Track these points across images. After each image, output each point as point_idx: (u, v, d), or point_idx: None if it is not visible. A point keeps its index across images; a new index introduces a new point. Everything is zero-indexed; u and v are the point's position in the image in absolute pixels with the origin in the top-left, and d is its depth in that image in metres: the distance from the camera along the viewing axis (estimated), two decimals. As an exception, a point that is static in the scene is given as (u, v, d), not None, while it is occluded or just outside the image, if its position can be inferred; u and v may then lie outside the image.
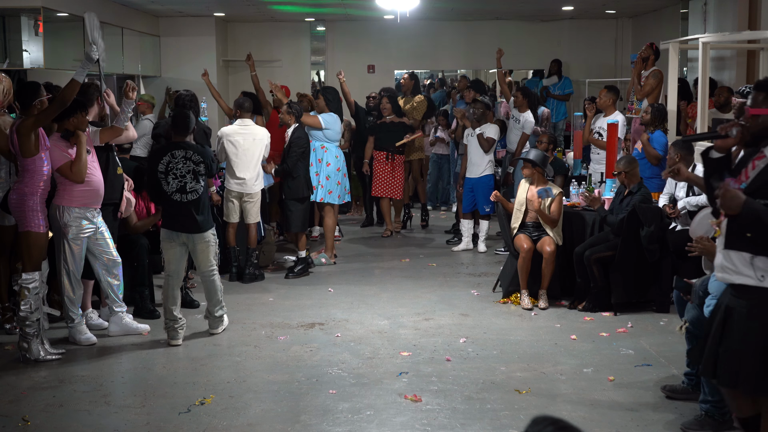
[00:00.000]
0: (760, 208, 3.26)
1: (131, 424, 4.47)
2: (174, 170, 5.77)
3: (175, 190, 5.77)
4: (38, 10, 9.52)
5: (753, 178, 3.42)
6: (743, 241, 3.37)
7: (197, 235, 5.82)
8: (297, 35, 15.13)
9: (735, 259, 3.43)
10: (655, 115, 7.74)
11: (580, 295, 6.69)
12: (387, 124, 9.35)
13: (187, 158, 5.80)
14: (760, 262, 3.36)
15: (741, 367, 3.44)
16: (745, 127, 3.48)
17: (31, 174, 5.44)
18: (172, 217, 5.83)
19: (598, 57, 14.98)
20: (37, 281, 5.45)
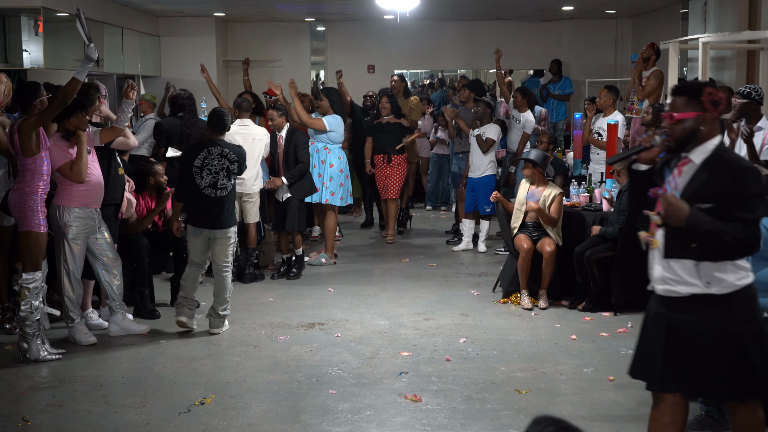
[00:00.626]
0: (704, 218, 3.18)
1: (131, 424, 4.47)
2: (209, 166, 6.00)
3: (207, 185, 5.99)
4: (38, 10, 9.53)
5: (685, 185, 3.31)
6: (686, 249, 3.26)
7: (219, 231, 6.03)
8: (297, 35, 15.14)
9: (678, 269, 3.31)
10: (656, 116, 7.73)
11: (580, 295, 6.69)
12: (384, 124, 9.24)
13: (223, 156, 6.04)
14: (705, 268, 3.26)
15: (703, 377, 3.31)
16: (668, 133, 3.37)
17: (32, 174, 5.44)
18: (198, 212, 6.06)
19: (598, 57, 14.99)
20: (37, 281, 5.45)
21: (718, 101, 3.31)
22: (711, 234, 3.17)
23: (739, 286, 3.26)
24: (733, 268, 3.26)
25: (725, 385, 3.29)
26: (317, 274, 7.88)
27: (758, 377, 3.27)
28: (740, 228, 3.17)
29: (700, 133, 3.32)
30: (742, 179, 3.22)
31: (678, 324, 3.34)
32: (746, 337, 3.26)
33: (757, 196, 3.22)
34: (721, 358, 3.26)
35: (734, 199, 3.20)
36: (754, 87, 6.35)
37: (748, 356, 3.24)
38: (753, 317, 3.32)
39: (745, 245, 3.20)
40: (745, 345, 3.24)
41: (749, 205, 3.19)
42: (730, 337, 3.26)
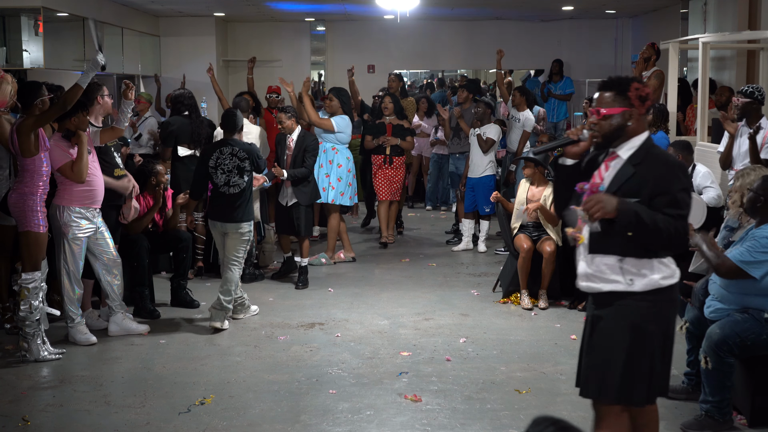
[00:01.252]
0: (635, 206, 3.12)
1: (131, 424, 4.47)
2: (222, 165, 6.23)
3: (222, 183, 6.23)
4: (38, 10, 9.52)
5: (611, 179, 3.26)
6: (610, 244, 3.20)
7: (231, 225, 6.20)
8: (297, 35, 15.14)
9: (602, 265, 3.24)
10: (657, 116, 7.72)
11: (580, 295, 6.67)
12: (385, 125, 9.11)
13: (234, 154, 6.24)
14: (629, 265, 3.19)
15: (604, 376, 3.23)
16: (596, 129, 3.31)
17: (31, 174, 5.44)
18: (215, 207, 6.30)
19: (598, 57, 14.99)
20: (36, 281, 5.45)
21: (645, 97, 3.26)
22: (646, 223, 3.10)
23: (663, 285, 3.20)
24: (658, 266, 3.20)
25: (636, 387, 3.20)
26: (317, 274, 7.88)
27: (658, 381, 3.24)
28: (671, 221, 3.11)
29: (628, 129, 3.27)
30: (670, 175, 3.17)
31: (599, 322, 3.29)
32: (658, 338, 3.22)
33: (684, 191, 3.18)
34: (635, 357, 3.19)
35: (662, 194, 3.14)
36: (756, 87, 6.35)
37: (654, 359, 3.20)
38: (668, 320, 3.26)
39: (676, 240, 3.13)
40: (654, 347, 3.21)
41: (677, 201, 3.14)
42: (644, 338, 3.20)
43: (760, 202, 4.37)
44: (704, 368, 4.28)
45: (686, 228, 3.15)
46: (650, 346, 3.20)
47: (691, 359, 4.75)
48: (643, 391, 3.23)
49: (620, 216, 3.12)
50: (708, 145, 7.66)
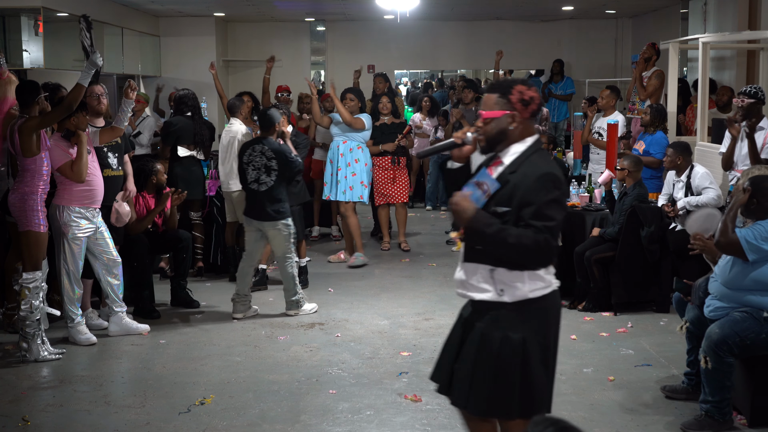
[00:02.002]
0: (490, 221, 3.01)
1: (131, 424, 4.47)
2: (253, 162, 6.39)
3: (252, 180, 6.39)
4: (38, 10, 9.52)
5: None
6: (483, 254, 3.10)
7: (267, 223, 6.37)
8: (297, 35, 15.13)
9: (475, 273, 3.15)
10: (655, 116, 7.73)
11: (580, 295, 6.69)
12: (387, 125, 8.97)
13: (263, 153, 6.37)
14: (499, 275, 3.08)
15: (472, 386, 3.14)
16: (480, 132, 3.19)
17: (32, 174, 5.45)
18: (249, 205, 6.48)
19: (598, 57, 14.99)
20: (37, 281, 5.45)
21: (528, 101, 3.12)
22: (494, 237, 2.99)
23: (531, 297, 3.08)
24: (529, 278, 3.07)
25: (507, 402, 3.10)
26: (317, 275, 7.87)
27: (535, 394, 3.09)
28: (530, 235, 2.96)
29: (510, 133, 3.14)
30: (538, 185, 3.02)
31: (472, 330, 3.21)
32: (531, 351, 3.08)
33: (553, 202, 3.01)
34: (504, 371, 3.08)
35: (528, 205, 3.00)
36: (759, 87, 6.35)
37: (529, 372, 3.07)
38: (543, 331, 3.12)
39: (536, 253, 2.99)
40: (528, 359, 3.07)
41: (542, 212, 2.99)
42: (515, 349, 3.07)
43: (753, 204, 4.37)
44: (704, 368, 4.28)
45: (551, 241, 2.97)
46: (521, 358, 3.07)
47: (691, 359, 4.75)
48: (513, 404, 3.09)
49: (470, 229, 3.04)
50: (708, 146, 7.66)
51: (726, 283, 4.37)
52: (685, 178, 6.59)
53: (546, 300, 3.13)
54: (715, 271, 4.50)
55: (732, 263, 4.37)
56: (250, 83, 13.10)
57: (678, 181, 6.68)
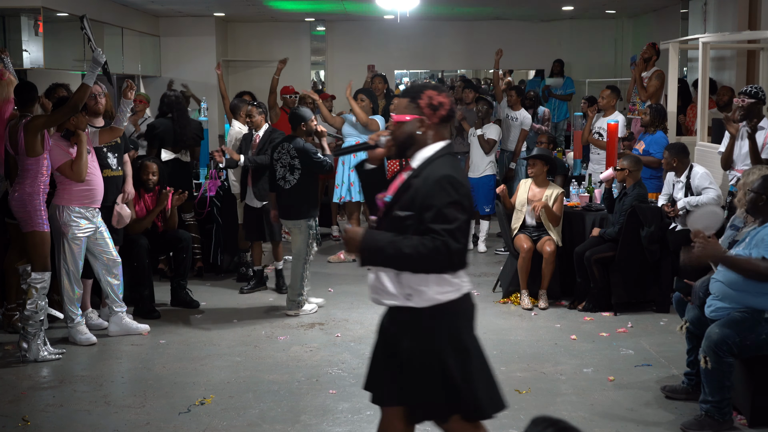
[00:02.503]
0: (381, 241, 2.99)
1: (131, 424, 4.47)
2: (280, 160, 6.51)
3: (280, 177, 6.51)
4: (38, 10, 9.52)
5: (395, 192, 3.14)
6: None
7: (290, 222, 6.51)
8: (297, 35, 15.12)
9: (383, 278, 3.10)
10: (655, 116, 7.73)
11: (580, 295, 6.69)
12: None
13: (288, 151, 6.47)
14: (406, 280, 3.04)
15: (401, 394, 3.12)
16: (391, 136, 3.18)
17: (34, 174, 5.45)
18: (278, 202, 6.58)
19: (598, 57, 14.98)
20: (45, 281, 5.47)
21: (437, 106, 3.09)
22: (388, 253, 2.97)
23: (440, 301, 3.04)
24: (436, 282, 3.03)
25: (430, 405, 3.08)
26: (317, 275, 7.87)
27: (460, 395, 3.05)
28: (427, 242, 2.92)
29: (418, 138, 3.11)
30: (436, 188, 2.98)
31: (388, 335, 3.19)
32: (445, 354, 3.04)
33: (452, 204, 2.97)
34: (421, 375, 3.05)
35: (428, 209, 2.97)
36: (759, 87, 6.35)
37: (448, 374, 3.03)
38: (455, 334, 3.08)
39: (436, 259, 2.94)
40: (444, 362, 3.03)
41: (443, 215, 2.95)
42: (428, 354, 3.05)
43: (762, 201, 4.37)
44: (704, 368, 4.28)
45: (451, 245, 2.93)
46: (435, 362, 3.04)
47: (691, 359, 4.75)
48: (434, 407, 3.08)
49: (363, 253, 3.03)
50: (708, 146, 7.66)
51: (730, 283, 4.36)
52: (684, 178, 6.59)
53: (456, 303, 3.09)
54: (717, 272, 4.49)
55: None
56: (250, 83, 13.10)
57: (677, 182, 6.69)
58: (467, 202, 3.04)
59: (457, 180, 3.03)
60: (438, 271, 3.01)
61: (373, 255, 3.03)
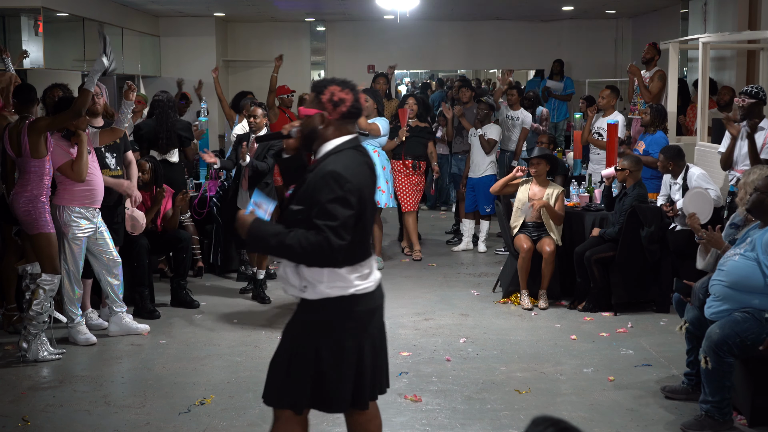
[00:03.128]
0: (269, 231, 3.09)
1: (131, 424, 4.47)
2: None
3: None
4: (38, 10, 9.52)
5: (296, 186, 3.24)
6: None
7: None
8: (297, 35, 15.13)
9: (287, 270, 3.20)
10: (655, 116, 7.73)
11: (580, 295, 6.69)
12: (414, 128, 8.56)
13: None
14: (303, 272, 3.13)
15: (269, 377, 3.25)
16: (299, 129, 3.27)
17: (38, 176, 5.45)
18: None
19: (598, 57, 14.99)
20: (54, 284, 5.46)
21: (337, 102, 3.15)
22: (272, 243, 3.08)
23: (329, 295, 3.12)
24: (329, 277, 3.11)
25: (291, 393, 3.18)
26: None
27: (327, 391, 3.16)
28: (311, 236, 3.00)
29: (320, 133, 3.19)
30: (322, 184, 3.06)
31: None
32: (324, 349, 3.13)
33: (336, 201, 3.03)
34: (295, 363, 3.16)
35: (315, 204, 3.05)
36: (760, 87, 6.34)
37: (321, 369, 3.14)
38: (340, 329, 3.15)
39: (317, 254, 3.02)
40: (321, 356, 3.12)
41: (326, 211, 3.02)
42: (302, 344, 3.15)
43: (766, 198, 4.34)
44: (704, 368, 4.28)
45: (333, 241, 3.00)
46: (313, 354, 3.13)
47: (691, 359, 4.75)
48: (302, 398, 3.19)
49: (248, 239, 3.13)
50: (708, 146, 7.66)
51: (730, 284, 4.35)
52: (680, 180, 6.60)
53: (346, 301, 3.15)
54: (717, 272, 4.49)
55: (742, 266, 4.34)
56: (250, 83, 13.10)
57: (674, 183, 6.69)
58: (355, 197, 3.08)
59: (342, 176, 3.07)
60: (321, 266, 3.10)
61: (257, 243, 3.15)
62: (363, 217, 3.14)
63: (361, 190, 3.10)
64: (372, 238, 7.24)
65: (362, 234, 3.16)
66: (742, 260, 4.33)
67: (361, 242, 3.17)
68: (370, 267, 3.24)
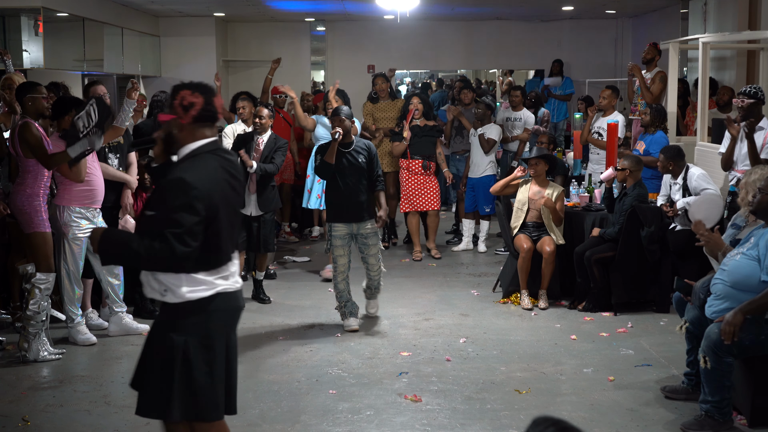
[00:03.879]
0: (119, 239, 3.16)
1: (131, 424, 4.47)
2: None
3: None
4: (38, 10, 9.53)
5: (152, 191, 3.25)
6: None
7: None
8: (297, 35, 15.14)
9: (148, 274, 3.20)
10: (655, 116, 7.73)
11: (580, 295, 6.69)
12: (422, 127, 8.44)
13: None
14: (162, 276, 3.14)
15: (142, 386, 3.23)
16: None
17: (34, 175, 5.46)
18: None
19: (598, 57, 15.00)
20: (50, 282, 5.46)
21: (187, 106, 3.16)
22: (126, 255, 3.12)
23: (190, 299, 3.13)
24: (187, 281, 3.12)
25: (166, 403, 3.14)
26: (317, 274, 7.86)
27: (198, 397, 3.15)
28: (156, 243, 3.00)
29: (176, 137, 3.20)
30: (167, 191, 3.08)
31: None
32: (186, 353, 3.12)
33: (179, 208, 3.02)
34: (164, 373, 3.13)
35: (160, 210, 3.07)
36: (759, 87, 6.34)
37: (191, 374, 3.13)
38: (207, 333, 3.17)
39: (164, 261, 3.03)
40: (189, 362, 3.12)
41: (169, 218, 3.02)
42: (170, 350, 3.12)
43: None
44: (703, 368, 4.28)
45: (175, 249, 3.01)
46: (180, 359, 3.12)
47: (691, 359, 4.75)
48: (173, 406, 3.13)
49: (99, 251, 3.14)
50: (708, 146, 7.66)
51: (733, 284, 4.35)
52: (680, 180, 6.60)
53: (208, 302, 3.16)
54: (720, 271, 4.49)
55: (743, 265, 4.34)
56: (250, 83, 13.10)
57: (674, 183, 6.69)
58: (202, 203, 3.07)
59: (187, 182, 3.07)
60: (170, 272, 3.11)
61: (109, 253, 3.15)
62: (215, 223, 3.12)
63: (210, 196, 3.10)
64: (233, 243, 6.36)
65: (216, 239, 3.14)
66: (744, 259, 4.33)
67: (218, 248, 3.16)
68: (229, 271, 3.24)
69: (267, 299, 6.92)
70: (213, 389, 3.19)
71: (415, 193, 8.50)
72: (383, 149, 8.71)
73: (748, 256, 4.32)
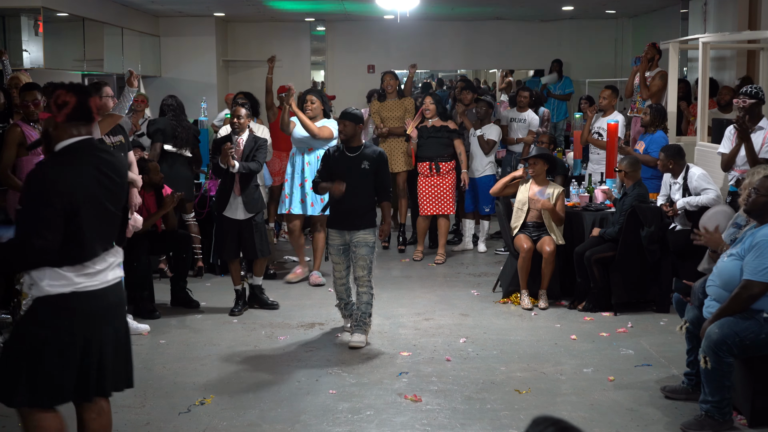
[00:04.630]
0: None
1: (131, 424, 4.47)
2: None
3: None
4: (38, 10, 9.54)
5: None
6: None
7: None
8: (297, 35, 15.15)
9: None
10: (655, 116, 7.73)
11: (580, 295, 6.69)
12: (429, 128, 8.30)
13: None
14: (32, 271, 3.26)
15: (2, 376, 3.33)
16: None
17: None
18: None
19: (598, 57, 15.01)
20: None
21: (62, 104, 3.27)
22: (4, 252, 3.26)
23: (49, 293, 3.24)
24: (49, 276, 3.23)
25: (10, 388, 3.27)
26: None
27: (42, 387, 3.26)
28: (15, 239, 3.18)
29: (52, 135, 3.31)
30: (26, 185, 3.22)
31: None
32: (47, 344, 3.24)
33: (31, 203, 3.17)
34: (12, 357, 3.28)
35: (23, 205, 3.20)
36: (759, 87, 6.34)
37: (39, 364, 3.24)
38: (64, 328, 3.27)
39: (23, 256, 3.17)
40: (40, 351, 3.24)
41: (27, 213, 3.16)
42: (27, 339, 3.27)
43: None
44: (703, 368, 4.28)
45: (25, 244, 3.14)
46: (31, 349, 3.25)
47: (691, 359, 4.75)
48: (16, 392, 3.26)
49: None
50: (708, 146, 7.66)
51: (724, 285, 4.36)
52: (681, 179, 6.60)
53: (68, 299, 3.26)
54: (714, 274, 4.49)
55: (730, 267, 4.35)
56: (250, 83, 13.10)
57: (674, 183, 6.69)
58: (60, 198, 3.17)
59: (46, 178, 3.20)
60: (34, 266, 3.22)
61: None
62: (77, 218, 3.21)
63: (72, 193, 3.18)
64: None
65: (79, 234, 3.23)
66: (731, 261, 4.35)
67: (81, 243, 3.24)
68: (97, 267, 3.32)
69: (275, 304, 6.77)
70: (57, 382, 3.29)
71: (424, 196, 8.35)
72: (392, 148, 8.66)
73: (736, 257, 4.33)
